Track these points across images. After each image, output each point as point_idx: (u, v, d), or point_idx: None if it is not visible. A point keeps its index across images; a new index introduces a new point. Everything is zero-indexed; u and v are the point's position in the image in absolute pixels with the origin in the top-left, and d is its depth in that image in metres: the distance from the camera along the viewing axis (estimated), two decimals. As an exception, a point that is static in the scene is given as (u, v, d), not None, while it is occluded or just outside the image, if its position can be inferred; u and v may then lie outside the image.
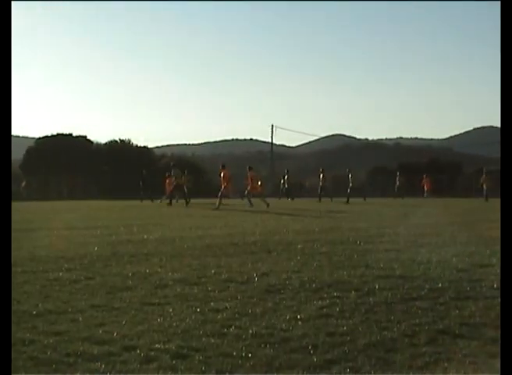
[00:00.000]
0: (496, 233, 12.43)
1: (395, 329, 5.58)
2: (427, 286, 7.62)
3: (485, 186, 43.71)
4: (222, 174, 33.12)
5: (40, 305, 6.65)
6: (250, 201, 32.41)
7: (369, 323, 5.83)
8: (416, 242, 12.67)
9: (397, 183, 54.07)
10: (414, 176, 67.19)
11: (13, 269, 9.13)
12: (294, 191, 50.10)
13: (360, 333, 5.44)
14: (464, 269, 8.96)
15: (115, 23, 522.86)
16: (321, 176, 43.03)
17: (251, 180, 33.52)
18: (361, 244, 12.39)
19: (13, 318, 6.01)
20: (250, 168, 34.16)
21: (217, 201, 30.67)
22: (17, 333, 5.46)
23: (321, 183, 42.70)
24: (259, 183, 35.17)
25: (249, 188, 33.19)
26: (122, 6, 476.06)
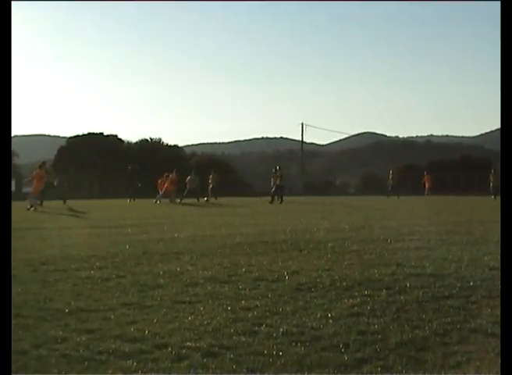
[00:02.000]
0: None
1: (426, 327, 5.55)
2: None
3: (491, 184, 42.45)
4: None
5: (72, 303, 6.70)
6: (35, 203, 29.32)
7: (400, 321, 5.80)
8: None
9: (390, 181, 51.05)
10: (445, 173, 66.87)
11: (45, 267, 9.26)
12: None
13: (392, 331, 5.42)
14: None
15: (144, 21, 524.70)
16: (279, 175, 37.91)
17: (36, 178, 29.94)
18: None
19: (46, 316, 6.10)
20: (41, 164, 30.88)
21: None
22: (50, 330, 5.51)
23: (276, 182, 37.64)
24: (37, 181, 30.23)
25: (33, 188, 30.25)
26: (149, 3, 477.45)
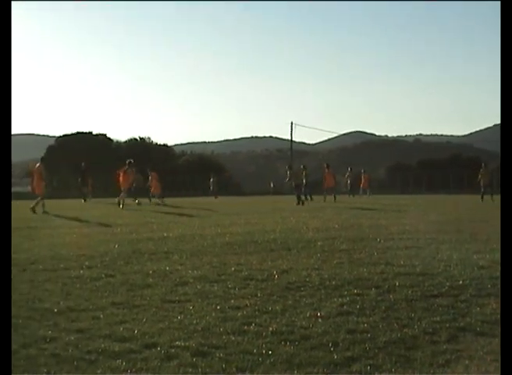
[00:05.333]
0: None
1: (415, 326, 5.56)
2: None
3: (482, 182, 38.27)
4: None
5: (61, 302, 6.69)
6: None
7: (389, 320, 5.81)
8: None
9: (303, 181, 45.00)
10: (434, 172, 67.01)
11: (34, 266, 9.23)
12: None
13: (381, 330, 5.43)
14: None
15: (133, 21, 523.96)
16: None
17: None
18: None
19: (35, 315, 6.07)
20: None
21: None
22: (39, 330, 5.50)
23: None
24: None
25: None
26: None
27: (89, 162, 40.82)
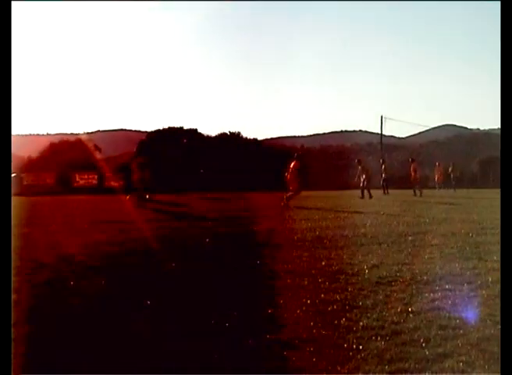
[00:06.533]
0: None
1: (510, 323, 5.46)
2: None
3: None
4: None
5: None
6: None
7: (482, 316, 5.72)
8: None
9: (383, 175, 43.36)
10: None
11: (123, 260, 9.41)
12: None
13: (474, 326, 5.35)
14: None
15: (222, 17, 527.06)
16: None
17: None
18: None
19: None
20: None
21: None
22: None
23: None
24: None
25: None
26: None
27: (181, 157, 40.93)
